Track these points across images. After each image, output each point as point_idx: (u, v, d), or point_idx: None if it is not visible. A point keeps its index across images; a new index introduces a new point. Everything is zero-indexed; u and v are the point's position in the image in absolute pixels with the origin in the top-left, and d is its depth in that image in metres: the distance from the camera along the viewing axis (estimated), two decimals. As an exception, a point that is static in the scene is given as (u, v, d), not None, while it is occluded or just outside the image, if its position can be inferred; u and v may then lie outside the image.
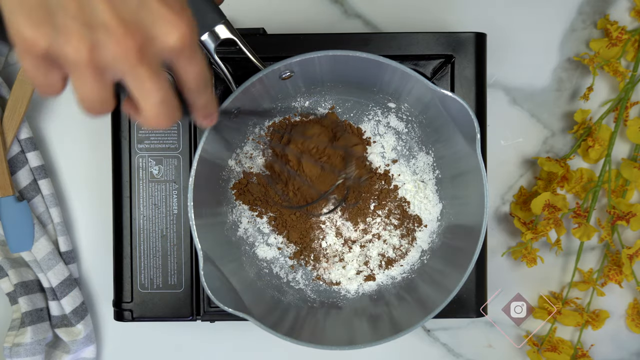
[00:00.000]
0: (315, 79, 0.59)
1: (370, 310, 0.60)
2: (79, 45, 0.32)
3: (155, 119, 0.36)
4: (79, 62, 0.33)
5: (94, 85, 0.34)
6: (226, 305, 0.52)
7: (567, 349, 0.66)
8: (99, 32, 0.32)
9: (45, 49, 0.33)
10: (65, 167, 0.69)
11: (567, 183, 0.66)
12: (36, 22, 0.32)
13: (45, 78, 0.34)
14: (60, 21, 0.32)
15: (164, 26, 0.34)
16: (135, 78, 0.34)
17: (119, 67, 0.34)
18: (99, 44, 0.33)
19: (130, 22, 0.33)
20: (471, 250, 0.53)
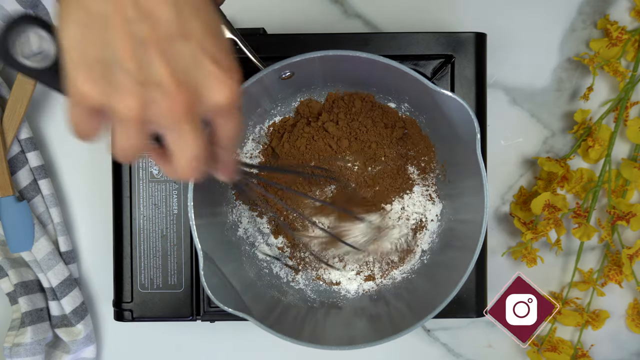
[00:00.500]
0: (316, 79, 0.59)
1: (370, 310, 0.60)
2: (132, 104, 0.33)
3: (187, 172, 0.37)
4: (128, 117, 0.34)
5: (134, 137, 0.35)
6: (226, 305, 0.52)
7: (567, 349, 0.66)
8: (152, 89, 0.33)
9: (99, 105, 0.34)
10: (65, 167, 0.69)
11: (567, 183, 0.66)
12: (94, 78, 0.33)
13: (87, 127, 0.35)
14: (116, 78, 0.33)
15: (214, 85, 0.35)
16: (178, 133, 0.35)
17: (164, 122, 0.34)
18: (151, 101, 0.33)
19: (183, 79, 0.34)
20: (471, 250, 0.53)
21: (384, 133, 0.61)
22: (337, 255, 0.63)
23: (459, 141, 0.55)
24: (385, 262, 0.62)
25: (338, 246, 0.61)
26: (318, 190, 0.61)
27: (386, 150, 0.61)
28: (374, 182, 0.62)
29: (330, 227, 0.61)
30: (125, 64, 0.33)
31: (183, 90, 0.34)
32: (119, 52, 0.33)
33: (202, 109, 0.35)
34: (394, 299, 0.61)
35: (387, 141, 0.61)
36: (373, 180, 0.62)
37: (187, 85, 0.34)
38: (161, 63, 0.33)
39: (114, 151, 0.36)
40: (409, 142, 0.62)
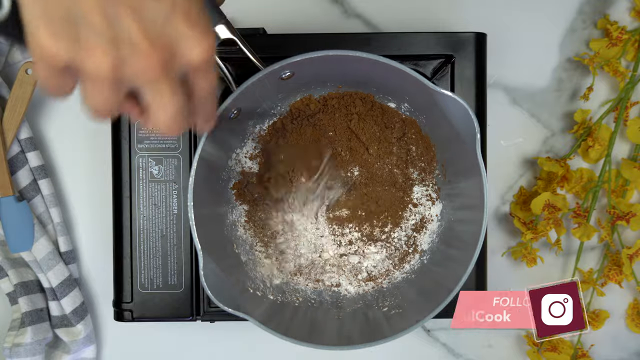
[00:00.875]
0: (316, 79, 0.59)
1: (370, 310, 0.60)
2: (102, 61, 0.32)
3: (168, 128, 0.37)
4: (99, 76, 0.33)
5: (108, 95, 0.34)
6: (226, 305, 0.52)
7: (567, 349, 0.66)
8: (124, 48, 0.32)
9: (65, 62, 0.32)
10: (65, 167, 0.69)
11: (567, 183, 0.66)
12: (58, 34, 0.31)
13: (56, 84, 0.34)
14: (84, 35, 0.31)
15: (188, 43, 0.34)
16: (155, 91, 0.34)
17: (139, 81, 0.34)
18: (123, 60, 0.32)
19: (155, 39, 0.33)
20: (471, 250, 0.53)
21: (384, 133, 0.61)
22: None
23: (459, 141, 0.54)
24: (385, 263, 0.63)
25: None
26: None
27: (386, 150, 0.61)
28: (373, 183, 0.61)
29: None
30: (93, 20, 0.31)
31: (157, 49, 0.33)
32: (85, 6, 0.31)
33: (178, 66, 0.35)
34: (394, 299, 0.61)
35: (387, 141, 0.61)
36: (373, 181, 0.62)
37: (160, 42, 0.33)
38: (132, 21, 0.32)
39: (87, 110, 0.35)
40: (409, 142, 0.62)
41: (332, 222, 0.62)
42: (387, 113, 0.61)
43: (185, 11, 0.34)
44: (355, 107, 0.61)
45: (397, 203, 0.62)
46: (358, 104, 0.61)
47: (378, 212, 0.62)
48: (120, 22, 0.32)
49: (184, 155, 0.61)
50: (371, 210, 0.62)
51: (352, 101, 0.61)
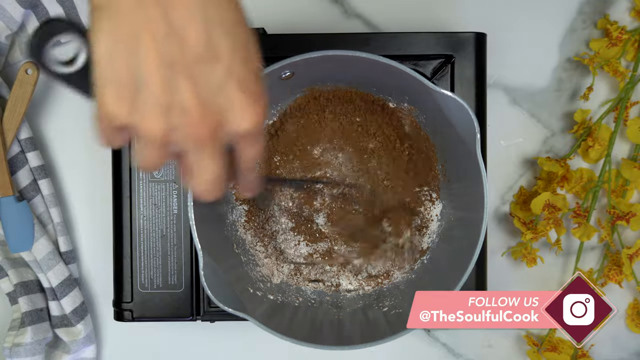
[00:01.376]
0: (316, 79, 0.59)
1: (370, 310, 0.60)
2: (155, 127, 0.33)
3: (203, 192, 0.37)
4: (150, 139, 0.34)
5: (156, 155, 0.35)
6: (226, 305, 0.52)
7: (567, 349, 0.66)
8: (176, 114, 0.33)
9: (122, 124, 0.34)
10: (65, 167, 0.69)
11: (567, 183, 0.66)
12: (122, 98, 0.33)
13: (110, 138, 0.36)
14: (142, 100, 0.33)
15: (239, 113, 0.35)
16: (199, 156, 0.35)
17: (186, 146, 0.35)
18: (174, 127, 0.34)
19: (207, 107, 0.34)
20: (471, 250, 0.53)
21: (384, 133, 0.61)
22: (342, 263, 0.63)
23: (459, 141, 0.55)
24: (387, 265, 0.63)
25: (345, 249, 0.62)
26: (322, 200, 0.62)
27: (386, 150, 0.61)
28: (373, 183, 0.61)
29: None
30: (152, 87, 0.33)
31: (207, 117, 0.34)
32: (147, 73, 0.32)
33: (226, 134, 0.35)
34: (394, 299, 0.61)
35: (387, 141, 0.61)
36: (373, 181, 0.62)
37: (212, 111, 0.34)
38: (187, 87, 0.33)
39: (138, 163, 0.36)
40: (409, 142, 0.62)
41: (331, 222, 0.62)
42: (387, 113, 0.61)
43: (240, 78, 0.34)
44: (355, 107, 0.61)
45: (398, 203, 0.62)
46: (358, 104, 0.61)
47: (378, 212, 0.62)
48: (178, 87, 0.33)
49: (184, 155, 0.61)
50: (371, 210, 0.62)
51: (352, 101, 0.61)
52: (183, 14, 0.32)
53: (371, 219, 0.62)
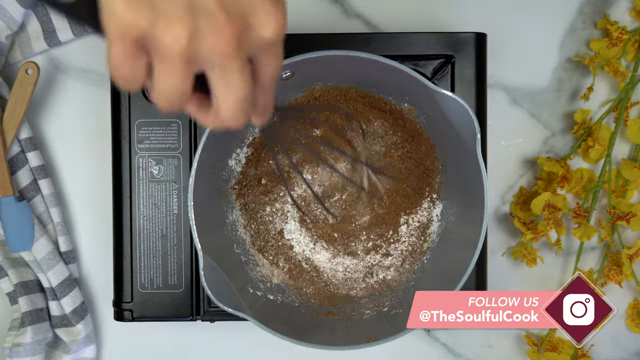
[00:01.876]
0: (316, 79, 0.59)
1: (370, 310, 0.60)
2: (180, 32, 0.30)
3: (234, 117, 0.34)
4: (174, 50, 0.31)
5: (180, 77, 0.32)
6: (226, 305, 0.52)
7: (567, 349, 0.66)
8: (200, 17, 0.31)
9: (143, 33, 0.31)
10: (65, 167, 0.69)
11: (567, 183, 0.66)
12: (137, 4, 0.30)
13: (131, 67, 0.32)
14: (162, 4, 0.30)
15: (263, 16, 0.33)
16: (225, 71, 0.32)
17: (212, 58, 0.32)
18: (199, 32, 0.31)
19: (231, 9, 0.31)
20: (471, 250, 0.53)
21: (384, 132, 0.61)
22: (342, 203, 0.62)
23: (459, 141, 0.55)
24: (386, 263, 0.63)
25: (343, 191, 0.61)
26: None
27: (386, 150, 0.61)
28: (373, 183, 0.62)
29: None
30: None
31: (232, 21, 0.31)
32: None
33: (250, 43, 0.33)
34: (394, 299, 0.61)
35: (387, 141, 0.61)
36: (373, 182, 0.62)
37: (236, 15, 0.32)
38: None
39: (157, 97, 0.33)
40: (409, 142, 0.62)
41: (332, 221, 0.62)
42: (387, 113, 0.61)
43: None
44: (355, 107, 0.61)
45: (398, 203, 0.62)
46: (358, 104, 0.61)
47: (378, 212, 0.62)
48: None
49: (184, 155, 0.61)
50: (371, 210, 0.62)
51: (352, 101, 0.61)
52: None
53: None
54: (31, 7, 0.64)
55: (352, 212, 0.62)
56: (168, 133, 0.61)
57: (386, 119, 0.61)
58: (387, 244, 0.63)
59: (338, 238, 0.62)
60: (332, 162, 0.60)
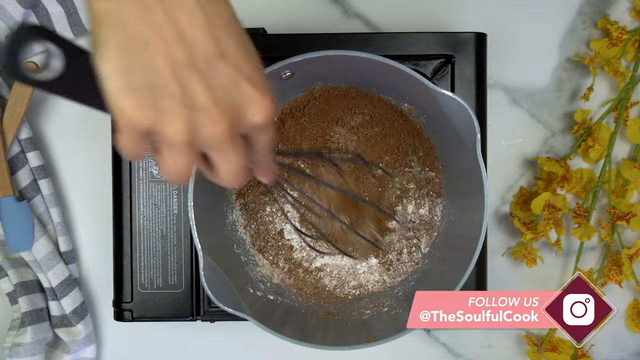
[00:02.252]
0: (316, 79, 0.59)
1: (370, 310, 0.60)
2: (179, 127, 0.34)
3: (231, 182, 0.39)
4: (176, 140, 0.35)
5: (183, 160, 0.36)
6: (226, 305, 0.52)
7: (567, 349, 0.66)
8: (197, 113, 0.34)
9: (147, 129, 0.34)
10: (65, 167, 0.69)
11: (567, 183, 0.66)
12: (141, 104, 0.34)
13: (136, 149, 0.36)
14: (163, 103, 0.34)
15: (252, 106, 0.36)
16: (221, 151, 0.37)
17: (209, 144, 0.36)
18: (197, 125, 0.35)
19: (223, 103, 0.35)
20: (471, 250, 0.53)
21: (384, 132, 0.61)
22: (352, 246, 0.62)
23: (459, 141, 0.55)
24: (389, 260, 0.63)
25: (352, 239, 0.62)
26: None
27: (386, 150, 0.61)
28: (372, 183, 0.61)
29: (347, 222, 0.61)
30: (171, 89, 0.34)
31: (225, 113, 0.35)
32: (164, 76, 0.33)
33: (243, 128, 0.37)
34: (394, 299, 0.61)
35: (387, 141, 0.61)
36: (374, 181, 0.62)
37: (228, 107, 0.35)
38: (203, 86, 0.34)
39: (165, 176, 0.37)
40: (409, 142, 0.62)
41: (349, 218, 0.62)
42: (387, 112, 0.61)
43: (248, 74, 0.36)
44: (355, 106, 0.61)
45: (398, 203, 0.62)
46: (359, 103, 0.61)
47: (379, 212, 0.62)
48: (193, 88, 0.34)
49: (184, 155, 0.61)
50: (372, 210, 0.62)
51: (352, 99, 0.61)
52: (187, 17, 0.34)
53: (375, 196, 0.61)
54: (31, 7, 0.64)
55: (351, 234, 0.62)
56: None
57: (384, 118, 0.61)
58: (387, 244, 0.63)
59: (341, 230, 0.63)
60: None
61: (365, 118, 0.62)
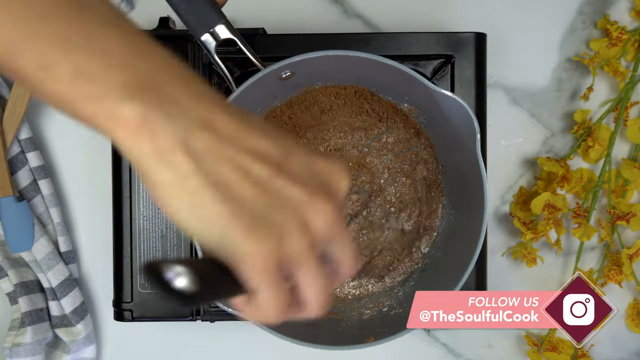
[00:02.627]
0: (316, 79, 0.59)
1: (370, 310, 0.60)
2: (298, 233, 0.31)
3: (320, 306, 0.35)
4: (304, 251, 0.32)
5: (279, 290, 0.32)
6: (226, 305, 0.52)
7: (567, 349, 0.66)
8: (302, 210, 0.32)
9: (277, 258, 0.31)
10: (65, 167, 0.69)
11: (567, 183, 0.66)
12: (255, 229, 0.30)
13: (282, 296, 0.32)
14: (272, 219, 0.31)
15: (336, 175, 0.34)
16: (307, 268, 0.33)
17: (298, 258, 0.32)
18: (309, 220, 0.32)
19: (315, 187, 0.32)
20: (471, 250, 0.53)
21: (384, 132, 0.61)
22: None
23: (459, 141, 0.55)
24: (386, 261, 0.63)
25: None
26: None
27: (385, 151, 0.61)
28: (372, 183, 0.62)
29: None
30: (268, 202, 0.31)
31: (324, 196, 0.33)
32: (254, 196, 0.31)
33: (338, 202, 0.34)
34: (394, 299, 0.61)
35: (386, 142, 0.61)
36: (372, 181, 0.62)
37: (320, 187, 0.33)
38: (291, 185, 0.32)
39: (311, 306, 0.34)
40: (409, 142, 0.62)
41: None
42: (386, 113, 0.61)
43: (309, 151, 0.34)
44: (355, 106, 0.61)
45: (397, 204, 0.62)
46: (358, 103, 0.61)
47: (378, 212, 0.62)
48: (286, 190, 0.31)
49: (184, 155, 0.61)
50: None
51: (352, 99, 0.61)
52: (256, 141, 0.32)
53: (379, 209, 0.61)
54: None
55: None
56: (168, 133, 0.61)
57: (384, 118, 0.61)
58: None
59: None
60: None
61: (365, 118, 0.62)
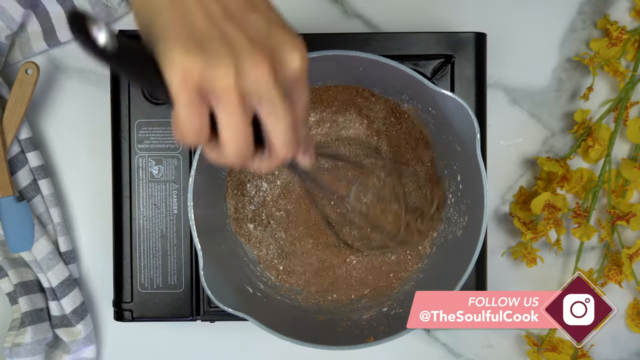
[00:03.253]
0: (315, 78, 0.59)
1: (370, 310, 0.60)
2: (227, 70, 0.35)
3: (287, 147, 0.38)
4: (228, 84, 0.35)
5: (240, 118, 0.36)
6: (226, 305, 0.52)
7: (567, 349, 0.66)
8: (241, 56, 0.35)
9: (200, 78, 0.34)
10: (65, 167, 0.69)
11: (567, 183, 0.66)
12: (191, 51, 0.34)
13: (197, 119, 0.36)
14: (210, 47, 0.35)
15: (289, 49, 0.37)
16: (271, 103, 0.36)
17: (258, 90, 0.36)
18: (242, 68, 0.35)
19: (261, 46, 0.36)
20: (471, 250, 0.53)
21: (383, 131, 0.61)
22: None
23: (459, 141, 0.55)
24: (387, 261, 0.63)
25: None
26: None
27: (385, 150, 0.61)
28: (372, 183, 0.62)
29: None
30: (214, 36, 0.35)
31: (266, 56, 0.36)
32: (205, 28, 0.35)
33: (283, 75, 0.37)
34: (394, 299, 0.61)
35: (386, 141, 0.61)
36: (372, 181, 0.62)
37: (267, 50, 0.36)
38: (241, 33, 0.35)
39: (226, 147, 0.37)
40: (409, 142, 0.62)
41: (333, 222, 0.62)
42: (386, 112, 0.61)
43: (280, 22, 0.38)
44: (355, 106, 0.61)
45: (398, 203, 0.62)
46: (358, 103, 0.61)
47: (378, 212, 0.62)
48: (232, 35, 0.35)
49: (184, 155, 0.61)
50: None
51: (352, 99, 0.61)
52: None
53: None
54: (31, 7, 0.64)
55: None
56: (168, 133, 0.61)
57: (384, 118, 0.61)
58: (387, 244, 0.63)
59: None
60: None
61: (365, 118, 0.62)
